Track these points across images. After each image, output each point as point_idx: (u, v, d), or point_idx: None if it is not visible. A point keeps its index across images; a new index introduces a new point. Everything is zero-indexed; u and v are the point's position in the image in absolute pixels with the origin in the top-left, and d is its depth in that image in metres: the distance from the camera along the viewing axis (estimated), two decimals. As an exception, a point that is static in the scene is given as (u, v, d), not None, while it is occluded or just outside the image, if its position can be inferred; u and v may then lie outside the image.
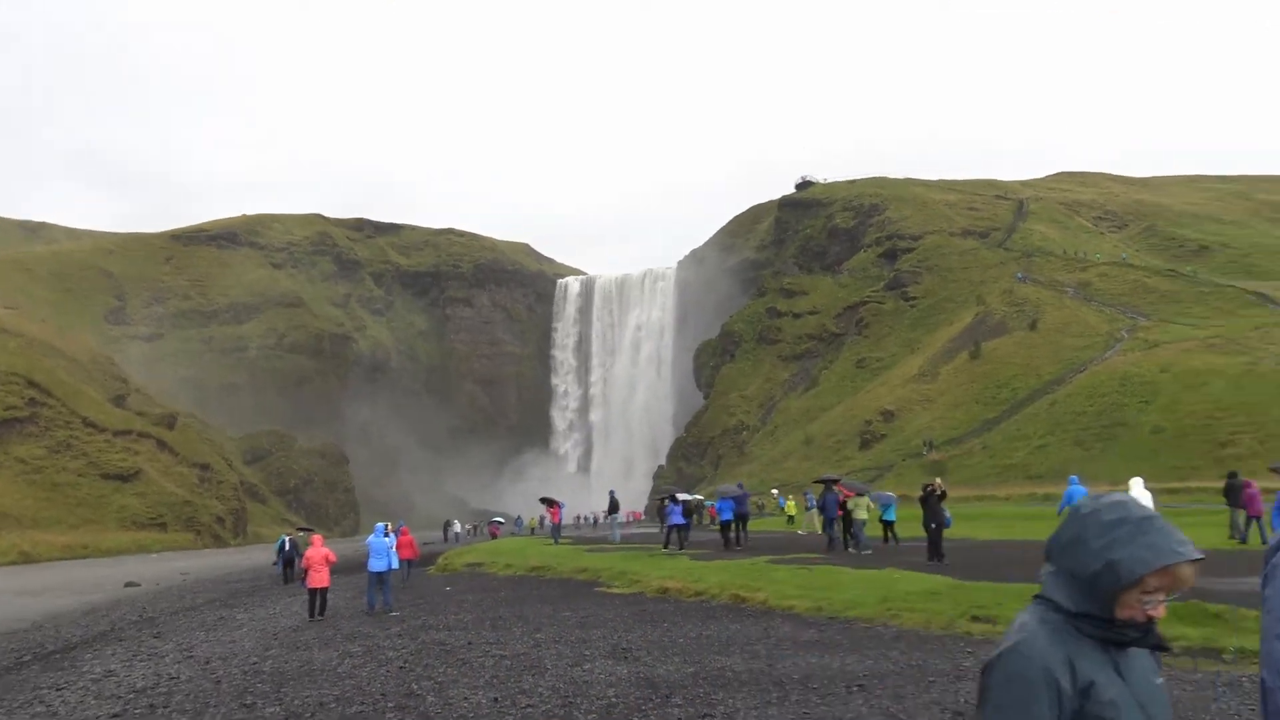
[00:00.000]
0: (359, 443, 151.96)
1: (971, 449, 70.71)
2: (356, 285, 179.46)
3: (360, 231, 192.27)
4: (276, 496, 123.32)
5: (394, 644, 15.49)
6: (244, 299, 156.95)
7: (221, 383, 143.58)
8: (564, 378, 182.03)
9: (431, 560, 38.25)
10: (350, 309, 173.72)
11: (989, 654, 2.37)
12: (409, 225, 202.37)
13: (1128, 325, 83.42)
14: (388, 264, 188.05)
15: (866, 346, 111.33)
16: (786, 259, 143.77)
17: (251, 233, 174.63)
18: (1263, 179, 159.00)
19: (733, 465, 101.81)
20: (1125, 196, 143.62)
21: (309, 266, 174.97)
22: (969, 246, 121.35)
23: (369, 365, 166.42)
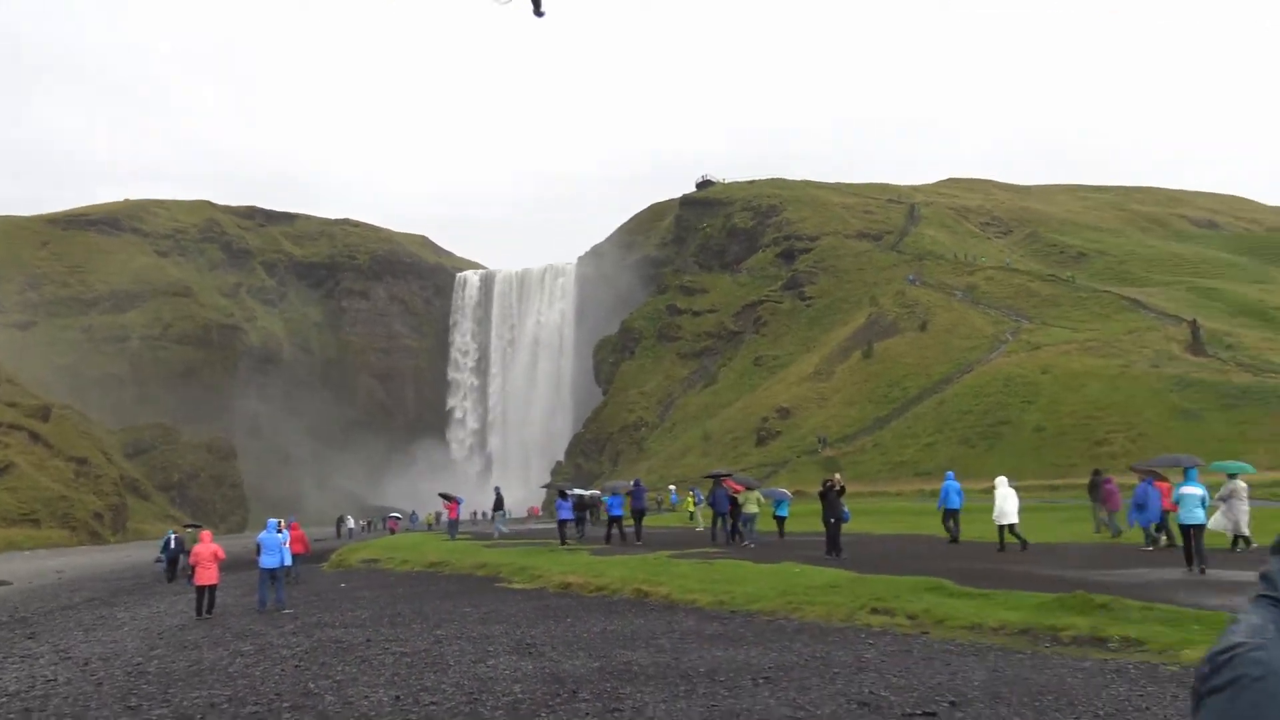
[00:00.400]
0: (249, 436, 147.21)
1: (864, 446, 72.32)
2: (247, 275, 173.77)
3: (252, 220, 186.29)
4: (160, 492, 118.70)
5: (288, 642, 15.01)
6: (126, 287, 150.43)
7: (101, 373, 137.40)
8: (462, 373, 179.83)
9: (325, 556, 37.33)
10: (240, 299, 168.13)
11: (1217, 653, 1.80)
12: (303, 215, 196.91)
13: (1012, 328, 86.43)
14: (280, 254, 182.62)
15: (764, 345, 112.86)
16: (686, 257, 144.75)
17: (135, 219, 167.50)
18: (1137, 189, 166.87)
19: (631, 461, 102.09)
20: (1010, 203, 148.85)
21: (196, 255, 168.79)
22: (863, 249, 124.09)
23: (260, 357, 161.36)
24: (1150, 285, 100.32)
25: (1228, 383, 60.72)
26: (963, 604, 13.31)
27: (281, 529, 21.47)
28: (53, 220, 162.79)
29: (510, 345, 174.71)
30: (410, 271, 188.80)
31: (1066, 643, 11.04)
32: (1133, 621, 11.42)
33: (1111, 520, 25.50)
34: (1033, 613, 12.34)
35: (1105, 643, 10.81)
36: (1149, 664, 9.81)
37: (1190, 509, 17.03)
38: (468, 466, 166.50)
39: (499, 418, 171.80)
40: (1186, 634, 10.66)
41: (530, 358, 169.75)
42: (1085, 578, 15.82)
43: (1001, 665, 10.13)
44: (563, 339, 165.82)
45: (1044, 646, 10.96)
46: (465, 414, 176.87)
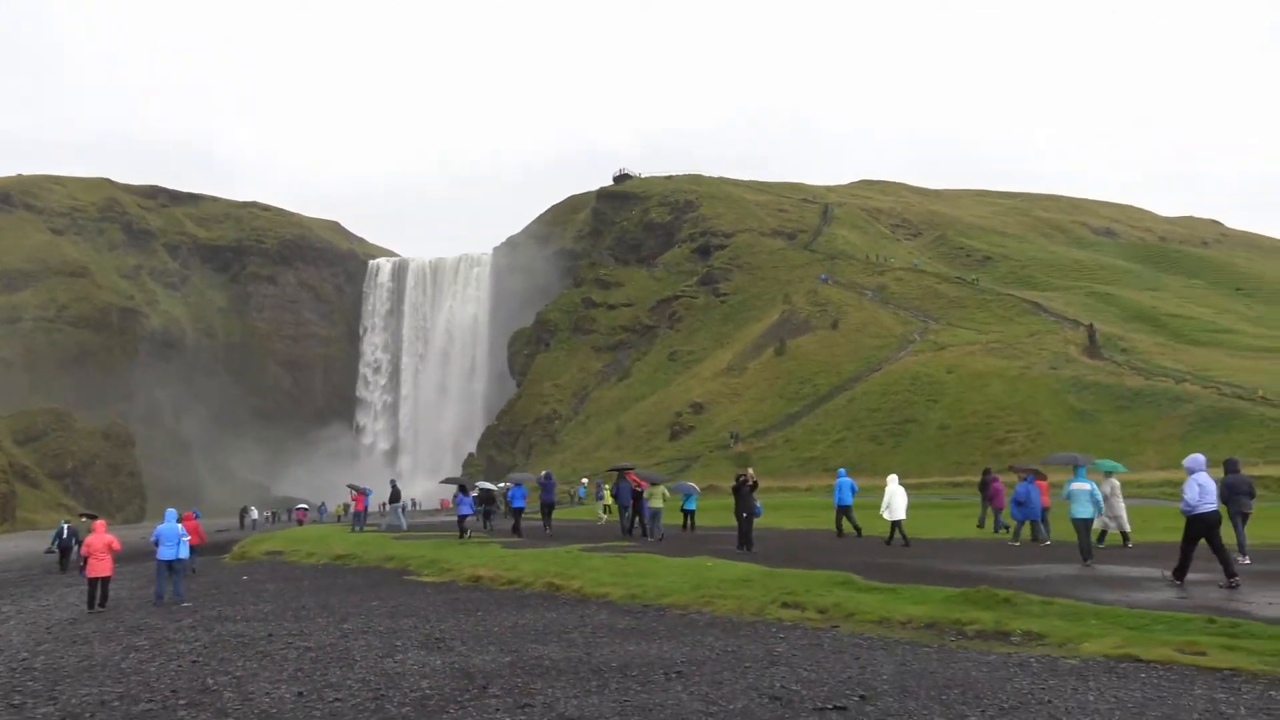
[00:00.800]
0: (149, 424, 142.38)
1: (775, 442, 73.20)
2: (149, 257, 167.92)
3: (154, 200, 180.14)
4: (52, 480, 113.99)
5: (185, 636, 14.48)
6: (18, 265, 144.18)
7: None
8: (373, 362, 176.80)
9: (227, 548, 36.25)
10: (141, 281, 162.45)
11: None
12: (209, 196, 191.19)
13: (919, 328, 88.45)
14: (184, 235, 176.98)
15: (678, 340, 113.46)
16: (603, 250, 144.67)
17: (28, 194, 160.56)
18: (1041, 197, 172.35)
19: (545, 454, 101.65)
20: (920, 206, 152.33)
21: (95, 234, 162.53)
22: (777, 247, 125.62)
23: (161, 342, 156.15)
24: (1051, 290, 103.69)
25: (1121, 385, 63.08)
26: (871, 598, 13.49)
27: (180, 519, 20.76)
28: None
29: (423, 335, 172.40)
30: (321, 257, 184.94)
31: (971, 636, 11.26)
32: (1034, 616, 11.71)
33: (997, 517, 26.43)
34: (939, 607, 12.57)
35: (1008, 636, 11.05)
36: (1050, 657, 10.05)
37: (1080, 504, 17.69)
38: (378, 457, 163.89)
39: (410, 409, 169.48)
40: (1085, 628, 10.96)
41: (443, 348, 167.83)
42: (987, 573, 16.21)
43: (909, 659, 10.28)
44: (477, 330, 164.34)
45: (950, 640, 11.16)
46: (375, 404, 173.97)
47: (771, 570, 16.94)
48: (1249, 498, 17.63)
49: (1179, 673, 9.20)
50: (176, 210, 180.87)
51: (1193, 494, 14.10)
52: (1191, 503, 14.10)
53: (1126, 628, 10.90)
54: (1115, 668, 9.50)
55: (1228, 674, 9.04)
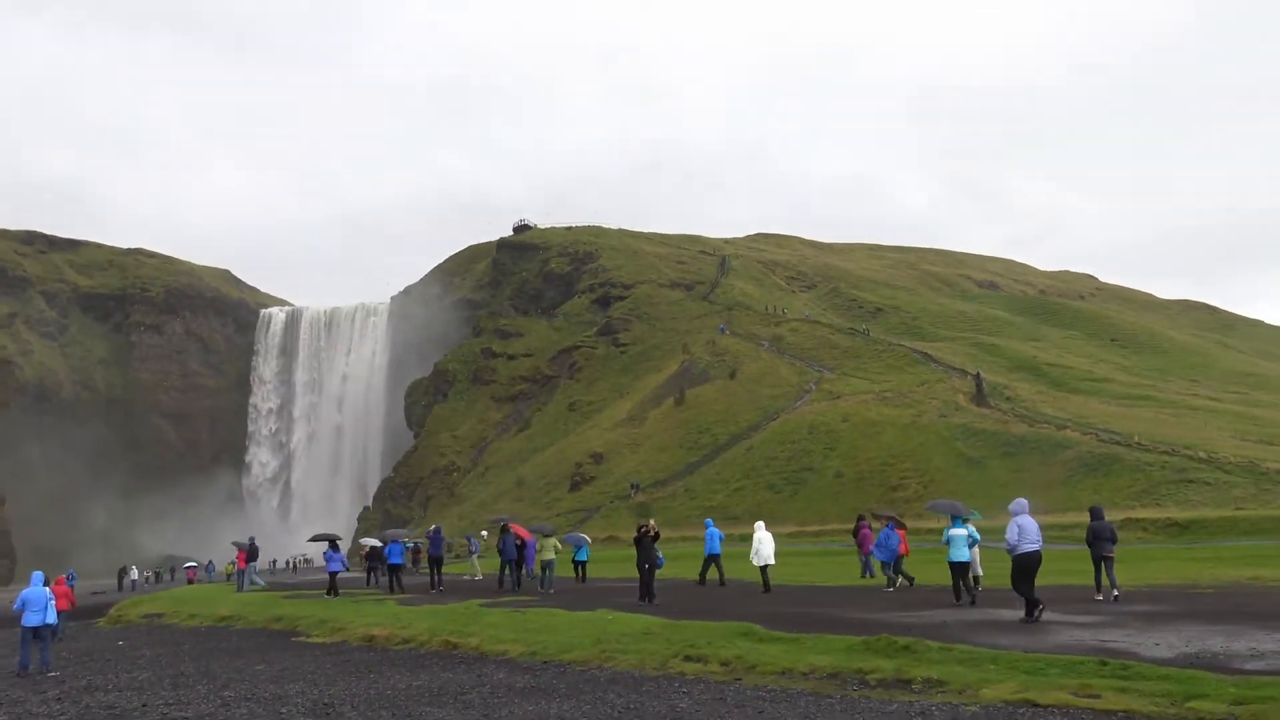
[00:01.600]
0: (21, 481, 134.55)
1: (675, 491, 73.14)
2: (24, 305, 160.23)
3: (31, 245, 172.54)
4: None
5: (50, 710, 13.49)
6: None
7: None
8: (264, 413, 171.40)
9: (102, 611, 34.26)
10: (15, 331, 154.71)
11: None
12: (91, 242, 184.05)
13: (815, 378, 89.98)
14: (63, 283, 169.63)
15: (578, 390, 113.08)
16: (503, 300, 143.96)
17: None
18: (928, 251, 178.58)
19: (443, 506, 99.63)
20: (815, 259, 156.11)
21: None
22: (676, 298, 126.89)
23: (35, 394, 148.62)
24: (939, 340, 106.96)
25: (1007, 432, 65.10)
26: (773, 649, 13.38)
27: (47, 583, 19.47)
28: None
29: (317, 385, 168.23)
30: (210, 307, 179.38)
31: (874, 685, 11.21)
32: (934, 662, 11.75)
33: (867, 562, 27.35)
34: (841, 656, 12.52)
35: (910, 684, 11.05)
36: (951, 704, 10.05)
37: (958, 548, 18.78)
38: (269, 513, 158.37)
39: (303, 461, 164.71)
40: (984, 673, 11.03)
41: (338, 399, 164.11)
42: (887, 620, 16.29)
43: (813, 711, 10.16)
44: (373, 380, 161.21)
45: (852, 690, 11.09)
46: (267, 457, 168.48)
47: (674, 622, 16.73)
48: (1111, 542, 19.08)
49: (1075, 717, 9.29)
50: (55, 256, 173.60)
51: (1013, 535, 15.05)
52: (1012, 543, 15.07)
53: (1023, 672, 11.01)
54: (1014, 713, 9.54)
55: (1122, 716, 9.16)
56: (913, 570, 24.73)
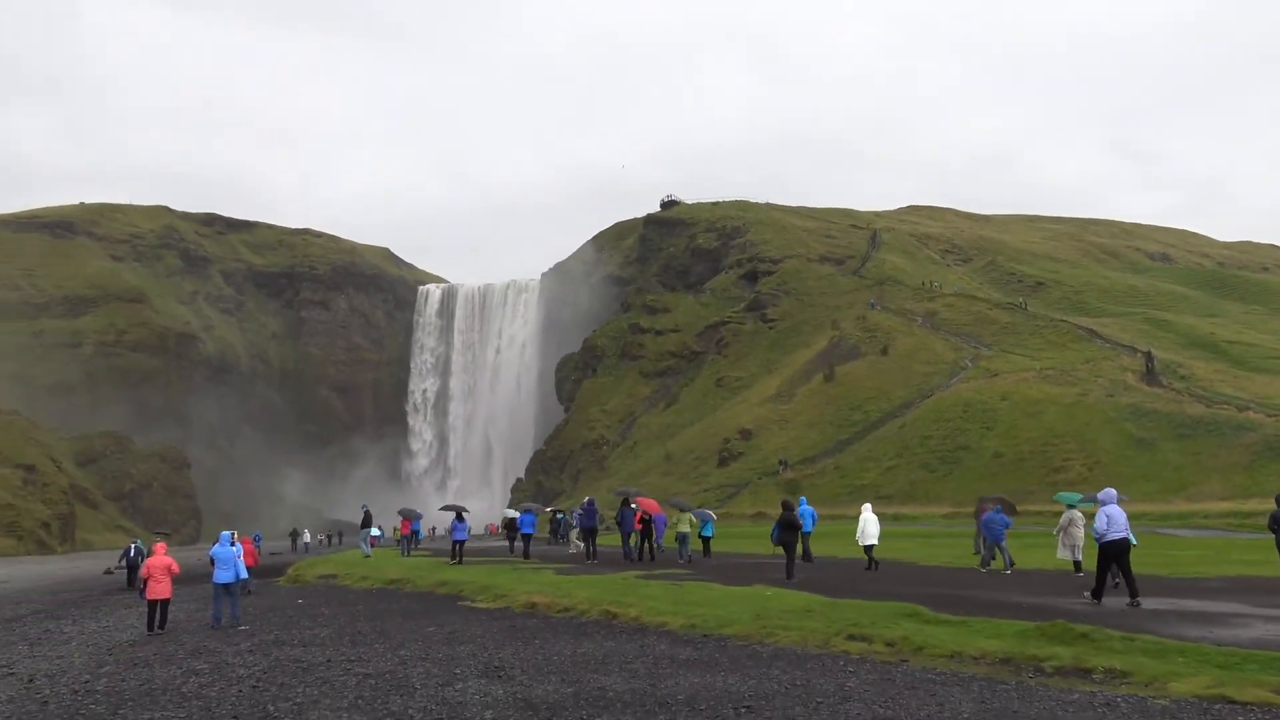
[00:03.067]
0: (204, 447, 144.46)
1: (825, 469, 72.33)
2: (205, 283, 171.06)
3: (210, 227, 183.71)
4: (110, 501, 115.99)
5: (244, 661, 14.43)
6: (80, 292, 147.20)
7: (52, 380, 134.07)
8: (422, 387, 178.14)
9: (281, 571, 36.45)
10: (198, 307, 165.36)
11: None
12: (263, 223, 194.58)
13: (971, 354, 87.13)
14: (239, 262, 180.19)
15: (726, 365, 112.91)
16: (650, 276, 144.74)
17: (90, 223, 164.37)
18: (1093, 222, 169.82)
19: (592, 480, 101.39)
20: (970, 232, 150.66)
21: (153, 261, 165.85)
22: (825, 272, 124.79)
23: (217, 367, 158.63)
24: (1105, 316, 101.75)
25: (1181, 413, 61.47)
26: (941, 631, 13.06)
27: (234, 542, 20.79)
28: (3, 221, 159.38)
29: (472, 360, 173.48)
30: (371, 284, 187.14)
31: (1050, 673, 10.81)
32: (1116, 652, 11.23)
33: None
34: (1013, 642, 12.11)
35: (1090, 674, 10.60)
36: (1137, 697, 9.59)
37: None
38: (426, 481, 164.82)
39: (459, 433, 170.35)
40: (1172, 666, 10.47)
41: (492, 374, 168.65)
42: (1057, 606, 15.68)
43: (988, 696, 9.87)
44: (525, 355, 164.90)
45: (1028, 677, 10.72)
46: (424, 429, 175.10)
47: (833, 601, 16.54)
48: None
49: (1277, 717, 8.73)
50: (232, 237, 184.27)
51: (1101, 524, 15.91)
52: (1100, 531, 15.89)
53: (1216, 666, 10.40)
54: (1208, 709, 9.03)
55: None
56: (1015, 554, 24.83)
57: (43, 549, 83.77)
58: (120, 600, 28.80)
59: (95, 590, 34.50)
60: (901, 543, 37.27)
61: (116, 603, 27.96)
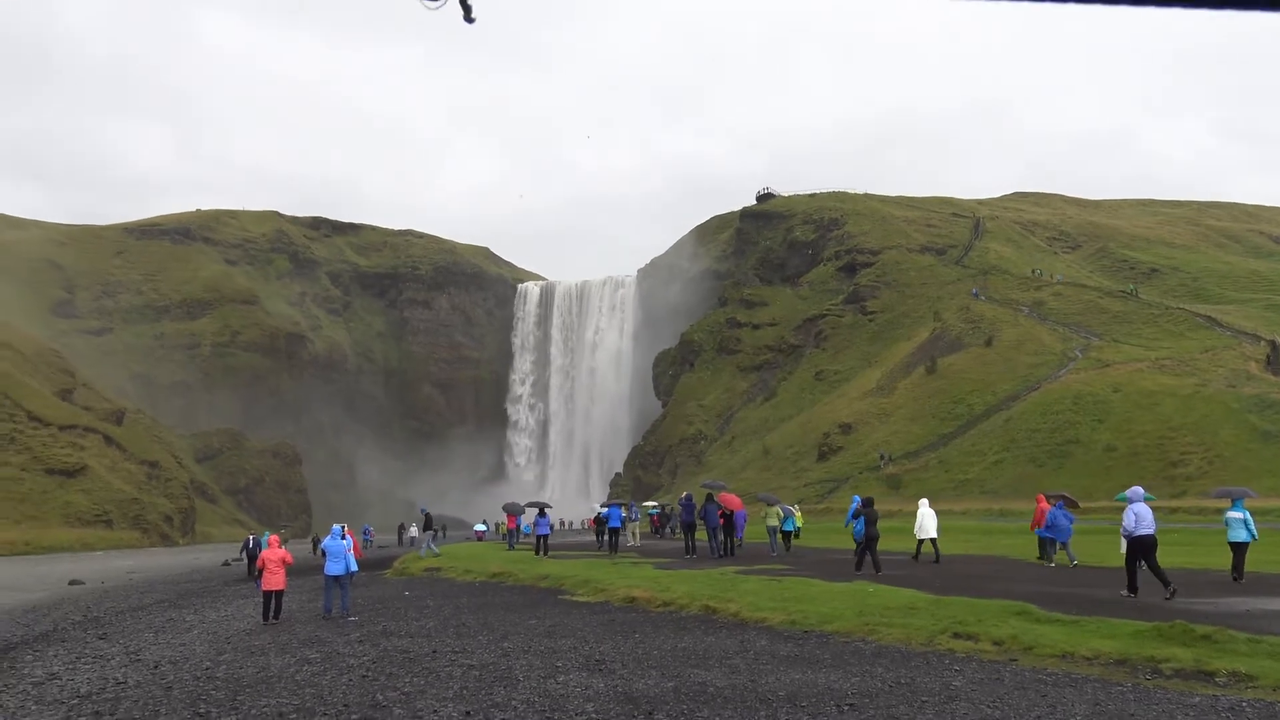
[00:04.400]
0: (313, 443, 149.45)
1: (928, 463, 71.01)
2: (313, 284, 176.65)
3: (318, 230, 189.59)
4: (227, 496, 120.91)
5: (354, 651, 14.86)
6: (197, 295, 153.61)
7: (172, 380, 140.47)
8: (522, 383, 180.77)
9: (387, 564, 37.47)
10: (306, 308, 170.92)
11: None
12: (368, 225, 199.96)
13: (1080, 344, 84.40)
14: (345, 264, 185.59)
15: (825, 359, 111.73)
16: (747, 270, 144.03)
17: (206, 229, 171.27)
18: (1211, 205, 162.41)
19: (691, 474, 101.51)
20: (1078, 218, 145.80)
21: (264, 264, 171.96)
22: (926, 263, 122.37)
23: (325, 365, 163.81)
24: (1226, 303, 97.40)
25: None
26: (1052, 630, 12.68)
27: (345, 535, 21.39)
28: (128, 230, 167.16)
29: (570, 356, 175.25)
30: (472, 282, 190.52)
31: (1169, 675, 10.40)
32: (1240, 655, 10.74)
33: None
34: (1129, 642, 11.69)
35: (1212, 677, 10.15)
36: (1265, 702, 9.15)
37: (1235, 530, 19.31)
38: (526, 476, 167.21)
39: (559, 429, 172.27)
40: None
41: (589, 369, 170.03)
42: (1174, 605, 15.07)
43: (1103, 698, 9.55)
44: (622, 351, 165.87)
45: (1145, 679, 10.33)
46: (525, 425, 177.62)
47: (938, 598, 16.21)
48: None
49: None
50: (338, 239, 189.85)
51: (1129, 521, 16.65)
52: (1129, 528, 16.69)
53: (1351, 671, 9.85)
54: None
55: None
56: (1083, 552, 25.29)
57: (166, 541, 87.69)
58: (238, 591, 29.99)
59: (214, 581, 35.99)
60: (1007, 539, 36.34)
61: (234, 593, 29.12)
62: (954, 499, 60.33)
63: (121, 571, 43.91)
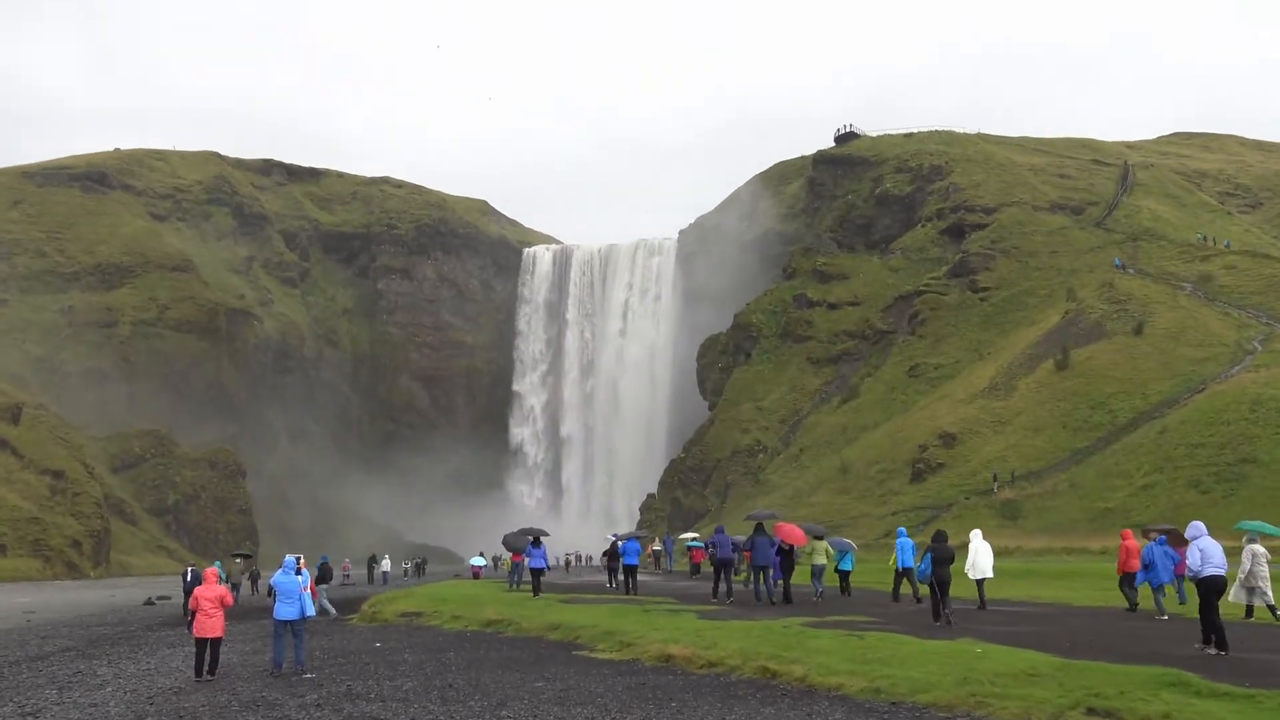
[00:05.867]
0: (261, 451, 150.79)
1: (1056, 487, 70.69)
2: (262, 246, 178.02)
3: (268, 177, 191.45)
4: (150, 516, 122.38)
5: (310, 717, 15.02)
6: (115, 258, 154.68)
7: (82, 367, 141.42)
8: (529, 375, 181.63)
9: (354, 606, 37.76)
10: (254, 276, 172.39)
11: None
12: (332, 171, 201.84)
13: (1260, 334, 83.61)
14: (303, 220, 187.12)
15: (922, 349, 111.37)
16: (821, 232, 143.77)
17: (126, 173, 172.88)
18: None
19: (746, 497, 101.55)
20: (1260, 167, 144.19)
21: (200, 219, 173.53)
22: (1058, 225, 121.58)
23: (277, 351, 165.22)
24: None
25: None
26: (1219, 707, 12.56)
27: (300, 570, 21.55)
28: (26, 174, 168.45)
29: (591, 342, 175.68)
30: (465, 245, 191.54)
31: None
32: None
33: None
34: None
35: None
36: None
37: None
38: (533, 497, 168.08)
39: (575, 434, 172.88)
40: None
41: (616, 359, 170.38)
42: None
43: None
44: (658, 335, 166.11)
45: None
46: (532, 429, 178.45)
47: (1066, 661, 16.14)
48: None
49: None
50: (294, 188, 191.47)
51: (1195, 560, 17.74)
52: (1195, 568, 17.79)
53: None
54: None
55: None
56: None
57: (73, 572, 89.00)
58: (164, 637, 30.37)
59: (134, 624, 36.46)
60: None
61: (159, 640, 29.49)
62: (1089, 533, 60.00)
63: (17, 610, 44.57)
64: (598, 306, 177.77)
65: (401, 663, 21.46)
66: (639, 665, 19.71)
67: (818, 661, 17.48)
